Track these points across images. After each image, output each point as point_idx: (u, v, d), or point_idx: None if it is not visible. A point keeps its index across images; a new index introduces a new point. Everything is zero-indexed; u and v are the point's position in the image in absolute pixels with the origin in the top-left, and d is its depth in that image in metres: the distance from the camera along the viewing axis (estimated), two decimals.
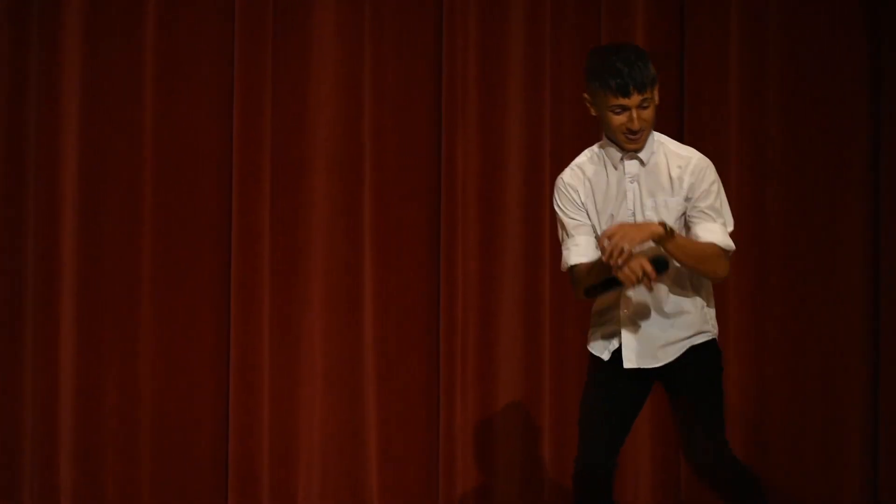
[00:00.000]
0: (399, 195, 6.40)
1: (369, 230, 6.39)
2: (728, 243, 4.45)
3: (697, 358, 4.50)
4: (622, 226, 4.28)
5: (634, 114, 4.34)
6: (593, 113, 4.44)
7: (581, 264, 4.47)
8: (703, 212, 4.43)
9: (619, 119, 4.36)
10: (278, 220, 6.35)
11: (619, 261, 4.21)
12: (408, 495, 6.39)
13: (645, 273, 4.22)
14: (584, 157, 4.55)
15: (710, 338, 4.55)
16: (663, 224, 4.29)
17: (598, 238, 4.42)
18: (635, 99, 4.32)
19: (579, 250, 4.48)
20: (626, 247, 4.20)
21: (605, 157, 4.49)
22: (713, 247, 4.40)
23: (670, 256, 4.34)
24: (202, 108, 6.34)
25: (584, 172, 4.51)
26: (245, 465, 6.31)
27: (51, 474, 6.25)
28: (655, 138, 4.48)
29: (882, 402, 6.41)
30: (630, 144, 4.40)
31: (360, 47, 6.39)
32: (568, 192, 4.51)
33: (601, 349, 4.55)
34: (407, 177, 6.41)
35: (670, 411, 6.36)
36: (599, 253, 4.32)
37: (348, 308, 6.36)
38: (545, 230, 6.37)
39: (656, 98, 4.40)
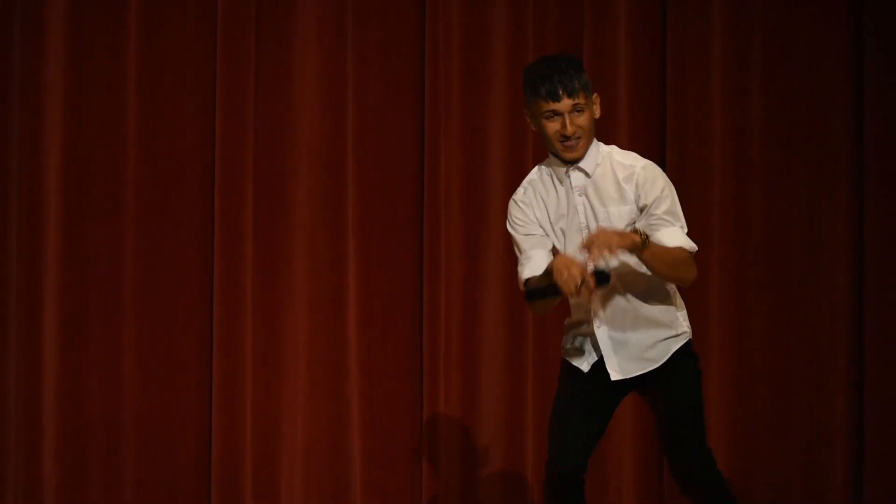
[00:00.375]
0: (382, 195, 6.39)
1: (352, 230, 6.39)
2: (692, 245, 4.44)
3: (675, 363, 4.51)
4: (604, 231, 4.28)
5: (567, 119, 4.33)
6: (533, 127, 4.45)
7: (534, 278, 4.47)
8: (662, 218, 4.41)
9: (553, 126, 4.36)
10: (261, 221, 6.34)
11: (600, 263, 4.21)
12: (391, 496, 6.40)
13: (584, 282, 4.21)
14: (533, 175, 4.56)
15: (687, 339, 4.57)
16: (640, 233, 4.29)
17: (554, 252, 4.46)
18: (566, 103, 4.33)
19: (532, 265, 4.48)
20: (608, 251, 4.21)
21: (552, 173, 4.49)
22: (682, 251, 4.40)
23: (646, 265, 4.34)
24: (185, 109, 6.33)
25: (534, 189, 4.52)
26: (228, 464, 6.31)
27: (34, 473, 6.25)
28: (601, 149, 4.46)
29: (866, 401, 6.42)
30: (567, 153, 4.39)
31: (343, 47, 6.38)
32: (522, 209, 4.52)
33: (580, 361, 4.55)
34: (390, 176, 6.41)
35: (651, 417, 6.45)
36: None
37: (332, 308, 6.36)
38: None
39: (595, 109, 4.41)
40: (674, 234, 4.40)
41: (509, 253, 6.38)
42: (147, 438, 6.31)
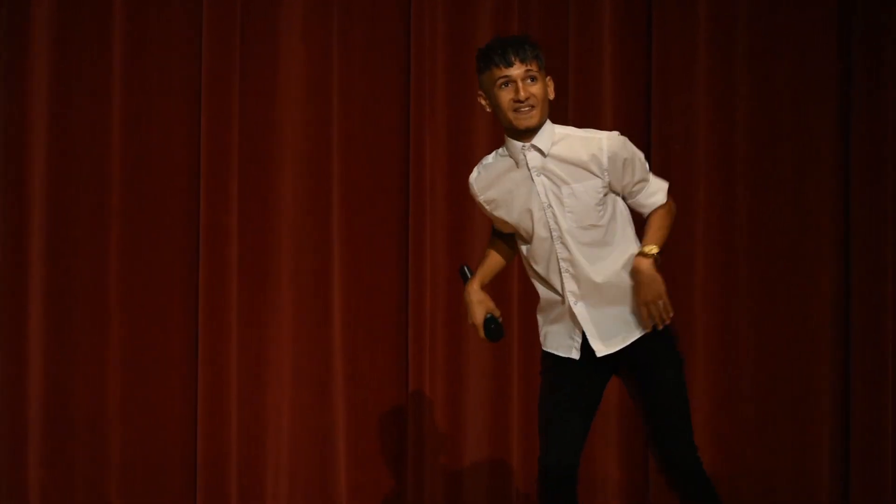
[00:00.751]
0: (367, 195, 6.40)
1: (338, 230, 6.39)
2: (666, 187, 4.53)
3: (656, 343, 4.48)
4: (646, 300, 4.37)
5: (520, 84, 4.36)
6: (488, 109, 4.46)
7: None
8: (639, 181, 4.48)
9: (506, 94, 4.38)
10: (246, 221, 6.34)
11: (670, 315, 4.37)
12: (376, 496, 6.39)
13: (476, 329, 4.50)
14: (489, 158, 4.57)
15: None
16: (651, 255, 4.38)
17: (521, 238, 4.52)
18: (518, 69, 4.36)
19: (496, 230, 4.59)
20: (666, 302, 4.37)
21: (508, 155, 4.49)
22: (665, 210, 4.50)
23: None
24: (170, 109, 6.33)
25: (489, 172, 4.53)
26: (214, 465, 6.30)
27: (20, 474, 6.23)
28: (557, 129, 4.46)
29: (853, 401, 6.43)
30: (520, 120, 4.39)
31: (328, 47, 6.39)
32: (474, 195, 4.55)
33: (568, 349, 4.54)
34: (375, 177, 6.41)
35: (636, 414, 6.45)
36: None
37: (317, 308, 6.36)
38: None
39: (550, 88, 4.43)
40: (651, 192, 4.50)
41: None
42: (132, 439, 6.30)
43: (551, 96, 4.44)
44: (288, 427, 6.36)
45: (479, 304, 4.58)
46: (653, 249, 4.39)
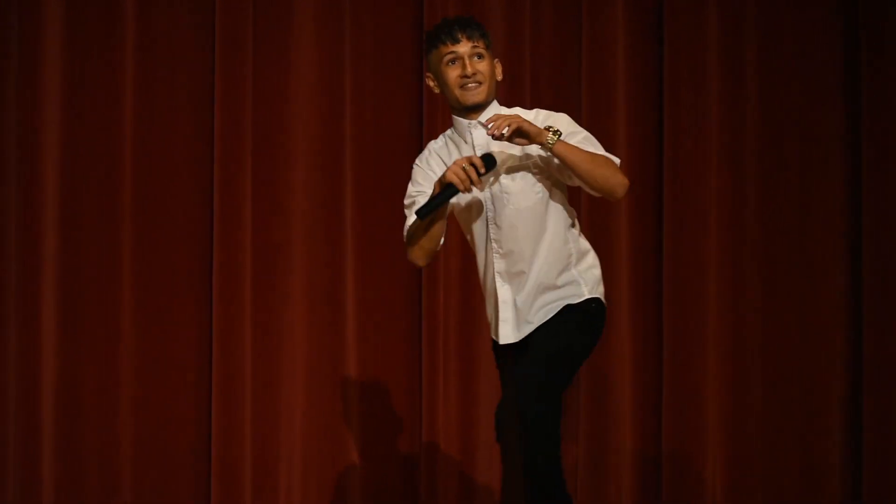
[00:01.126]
0: (380, 192, 6.40)
1: (350, 227, 6.40)
2: (614, 156, 4.40)
3: (562, 317, 4.45)
4: (506, 115, 4.29)
5: (467, 60, 4.39)
6: (436, 89, 4.49)
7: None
8: (578, 144, 4.35)
9: (453, 71, 4.40)
10: (260, 218, 6.35)
11: (501, 132, 4.21)
12: (389, 495, 6.39)
13: (473, 164, 4.25)
14: (438, 141, 4.60)
15: (585, 298, 4.49)
16: (550, 129, 4.27)
17: (464, 227, 4.52)
18: (465, 45, 4.39)
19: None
20: (514, 124, 4.22)
21: (456, 136, 4.51)
22: (604, 157, 4.36)
23: (562, 162, 4.30)
24: (183, 106, 6.34)
25: (438, 154, 4.56)
26: (228, 462, 6.30)
27: (34, 471, 6.24)
28: (502, 110, 4.47)
29: (865, 399, 6.42)
30: (467, 96, 4.41)
31: (341, 45, 6.40)
32: (424, 171, 4.57)
33: (495, 332, 4.56)
34: (388, 174, 6.41)
35: (651, 420, 6.43)
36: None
37: (330, 305, 6.37)
38: None
39: (497, 69, 4.46)
40: (595, 149, 4.37)
41: None
42: (145, 435, 6.31)
43: (499, 77, 4.48)
44: (301, 423, 6.36)
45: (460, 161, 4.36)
46: (554, 133, 4.26)
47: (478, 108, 4.44)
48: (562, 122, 4.42)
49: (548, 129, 4.28)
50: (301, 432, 6.36)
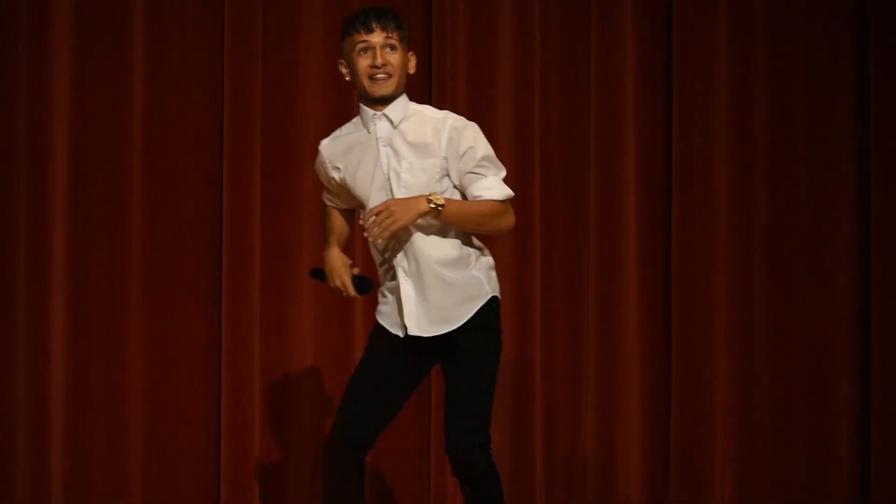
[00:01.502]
0: None
1: (359, 224, 6.40)
2: (506, 193, 4.46)
3: (476, 336, 4.48)
4: (389, 205, 4.32)
5: (378, 51, 4.40)
6: (347, 77, 4.50)
7: (327, 206, 4.69)
8: (473, 172, 4.44)
9: (364, 61, 4.42)
10: (269, 214, 6.35)
11: (381, 240, 4.34)
12: (399, 494, 6.39)
13: (345, 286, 4.51)
14: (343, 128, 4.61)
15: (488, 298, 4.52)
16: (430, 201, 4.33)
17: (361, 206, 4.55)
18: (378, 35, 4.41)
19: (330, 201, 4.68)
20: (393, 227, 4.30)
21: (361, 123, 4.53)
22: (491, 204, 4.42)
23: (449, 223, 4.39)
24: (192, 100, 6.33)
25: (341, 141, 4.58)
26: (236, 461, 6.29)
27: (43, 467, 6.23)
28: (411, 105, 4.50)
29: (873, 399, 6.41)
30: (375, 87, 4.42)
31: None
32: (324, 165, 4.61)
33: (393, 325, 4.55)
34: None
35: (659, 414, 6.43)
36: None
37: (339, 303, 6.37)
38: (535, 224, 6.40)
39: (411, 63, 4.49)
40: (486, 187, 4.43)
41: (515, 248, 6.42)
42: (154, 433, 6.30)
43: (411, 70, 4.50)
44: (311, 423, 6.36)
45: (343, 265, 4.56)
46: (438, 199, 4.34)
47: (385, 100, 4.45)
48: (467, 137, 4.44)
49: (428, 201, 4.32)
50: (311, 432, 6.36)
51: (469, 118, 6.27)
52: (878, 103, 6.45)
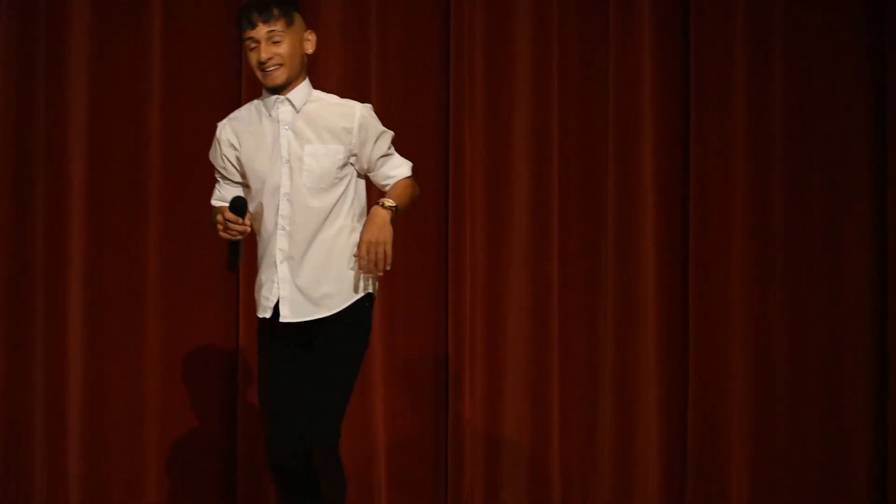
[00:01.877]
0: None
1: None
2: (411, 165, 4.68)
3: (347, 330, 4.53)
4: (369, 241, 4.40)
5: (263, 45, 4.44)
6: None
7: (216, 206, 4.69)
8: (385, 155, 4.61)
9: (254, 56, 4.48)
10: None
11: (387, 267, 4.42)
12: (416, 487, 6.39)
13: (226, 219, 4.47)
14: (242, 109, 4.66)
15: (364, 294, 4.57)
16: (389, 208, 4.45)
17: (244, 185, 4.60)
18: (261, 29, 4.45)
19: (219, 195, 4.71)
20: (387, 250, 4.42)
21: (263, 106, 4.57)
22: (407, 181, 4.64)
23: (403, 212, 4.55)
24: (209, 102, 6.33)
25: (240, 123, 4.61)
26: (253, 459, 6.29)
27: (60, 466, 6.24)
28: (315, 92, 4.58)
29: (891, 398, 6.40)
30: (267, 80, 4.50)
31: (367, 41, 6.40)
32: (220, 145, 4.65)
33: (264, 308, 4.57)
34: (414, 170, 6.42)
35: (675, 421, 6.42)
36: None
37: None
38: (553, 222, 6.39)
39: (309, 43, 4.54)
40: (396, 165, 4.62)
41: (533, 245, 6.42)
42: (171, 433, 6.31)
43: (309, 50, 4.56)
44: None
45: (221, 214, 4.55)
46: (391, 202, 4.47)
47: (281, 88, 4.51)
48: (376, 123, 4.58)
49: (384, 208, 4.44)
50: None
51: (487, 117, 6.41)
52: (895, 100, 6.43)
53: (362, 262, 4.42)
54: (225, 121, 4.67)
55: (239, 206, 4.50)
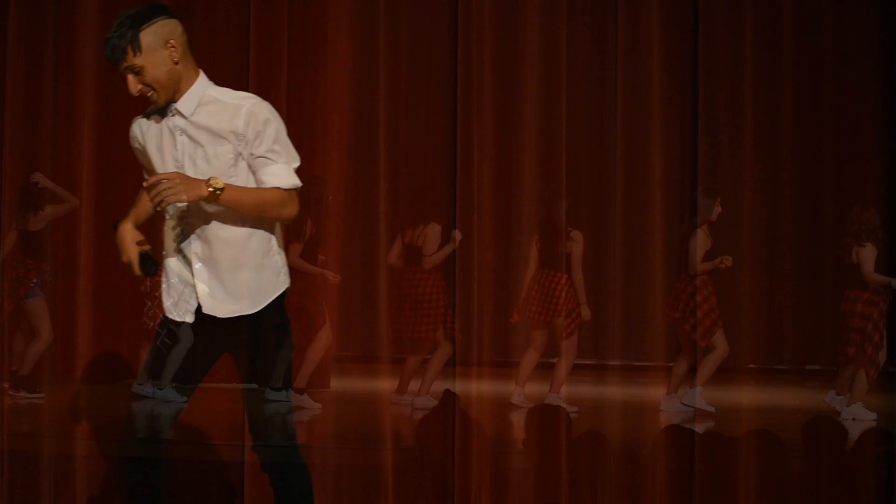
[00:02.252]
0: (414, 186, 6.41)
1: (384, 220, 6.40)
2: (293, 182, 4.48)
3: (268, 329, 4.51)
4: (176, 179, 4.32)
5: (129, 79, 4.42)
6: None
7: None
8: (263, 157, 4.45)
9: (130, 86, 4.45)
10: (301, 213, 6.34)
11: (158, 208, 4.34)
12: (422, 492, 6.40)
13: (132, 266, 4.41)
14: (150, 110, 4.59)
15: (282, 291, 4.55)
16: (209, 185, 4.32)
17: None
18: (122, 66, 4.42)
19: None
20: (172, 199, 4.30)
21: (165, 110, 4.52)
22: (274, 192, 4.44)
23: (230, 208, 4.39)
24: None
25: (144, 125, 4.58)
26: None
27: (68, 465, 6.26)
28: (208, 91, 4.51)
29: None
30: (153, 103, 4.47)
31: (375, 38, 6.40)
32: (132, 141, 4.61)
33: (183, 312, 4.54)
34: (422, 168, 6.43)
35: (684, 429, 6.43)
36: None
37: (363, 297, 6.37)
38: (561, 222, 6.40)
39: (172, 55, 4.46)
40: (274, 173, 4.45)
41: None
42: (179, 437, 6.32)
43: (176, 58, 4.47)
44: (334, 423, 6.37)
45: (132, 241, 4.50)
46: (218, 183, 4.35)
47: (170, 102, 4.47)
48: (262, 121, 4.44)
49: (208, 185, 4.31)
50: (334, 430, 6.37)
51: (495, 119, 6.40)
52: None
53: (151, 182, 4.34)
54: (139, 116, 4.63)
55: (149, 267, 4.46)
